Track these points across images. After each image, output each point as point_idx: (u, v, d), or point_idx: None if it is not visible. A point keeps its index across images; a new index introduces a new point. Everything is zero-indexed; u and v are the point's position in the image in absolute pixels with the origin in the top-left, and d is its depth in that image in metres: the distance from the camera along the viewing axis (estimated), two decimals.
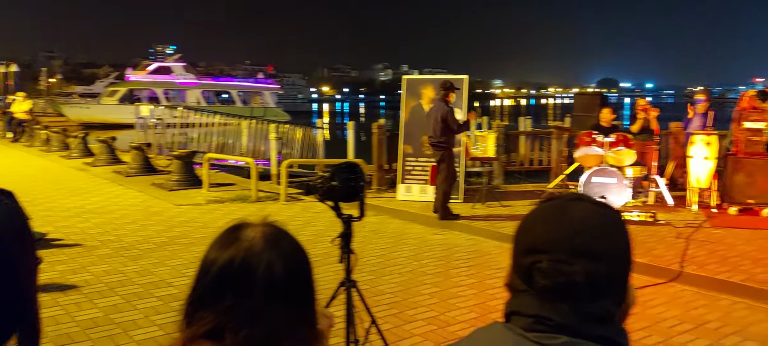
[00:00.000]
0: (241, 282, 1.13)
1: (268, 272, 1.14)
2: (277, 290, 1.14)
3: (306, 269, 1.23)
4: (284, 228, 1.25)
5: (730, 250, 6.56)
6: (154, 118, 17.37)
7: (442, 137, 8.12)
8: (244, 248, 1.16)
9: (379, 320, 4.72)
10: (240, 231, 1.20)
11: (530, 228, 1.06)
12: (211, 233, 1.24)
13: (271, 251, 1.16)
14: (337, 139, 32.22)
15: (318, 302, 1.28)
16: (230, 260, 1.14)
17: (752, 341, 4.45)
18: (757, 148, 8.22)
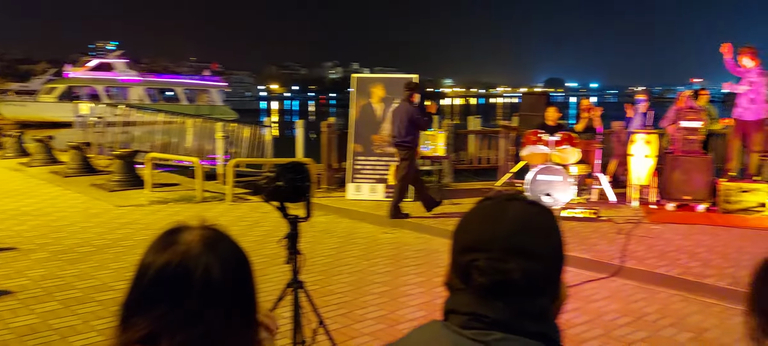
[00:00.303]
0: (177, 286, 1.11)
1: (205, 275, 1.12)
2: (215, 293, 1.12)
3: (245, 272, 1.21)
4: (224, 231, 1.23)
5: (668, 245, 6.80)
6: (95, 117, 16.83)
7: (407, 137, 8.17)
8: (181, 251, 1.14)
9: (328, 320, 4.69)
10: (177, 234, 1.18)
11: (468, 228, 1.08)
12: (154, 235, 1.21)
13: (208, 254, 1.14)
14: (286, 137, 31.92)
15: (260, 305, 1.26)
16: (166, 263, 1.12)
17: (687, 332, 4.62)
18: (693, 147, 8.54)
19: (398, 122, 8.24)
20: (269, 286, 5.53)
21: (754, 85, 8.43)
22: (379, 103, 9.96)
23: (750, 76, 8.45)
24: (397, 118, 8.30)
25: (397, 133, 8.25)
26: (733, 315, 4.94)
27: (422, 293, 5.47)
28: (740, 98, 8.57)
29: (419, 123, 8.22)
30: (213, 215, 8.82)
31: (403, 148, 8.21)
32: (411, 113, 8.14)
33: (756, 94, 8.41)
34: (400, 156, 8.29)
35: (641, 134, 8.79)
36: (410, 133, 8.15)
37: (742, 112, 8.53)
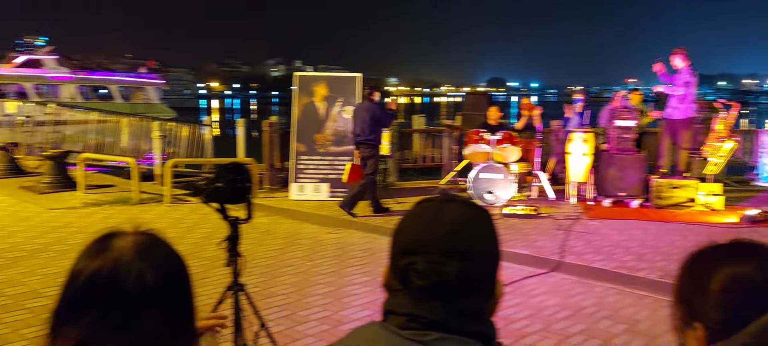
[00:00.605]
0: (108, 293, 1.07)
1: (138, 282, 1.08)
2: (148, 301, 1.09)
3: (182, 278, 1.18)
4: (160, 236, 1.20)
5: (604, 240, 7.02)
6: (23, 116, 16.08)
7: (370, 135, 8.24)
8: (113, 257, 1.10)
9: (271, 322, 4.62)
10: (110, 240, 1.14)
11: (406, 230, 1.09)
12: (88, 239, 1.16)
13: (141, 260, 1.10)
14: (227, 137, 31.32)
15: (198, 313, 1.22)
16: (97, 270, 1.09)
17: (622, 324, 4.78)
18: (627, 145, 8.84)
19: (361, 121, 8.28)
20: (210, 289, 5.41)
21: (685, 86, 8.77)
22: (322, 102, 9.90)
23: (680, 77, 8.80)
24: (359, 116, 8.34)
25: (360, 132, 8.28)
26: (663, 306, 5.13)
27: (367, 293, 5.46)
28: (671, 98, 8.92)
29: (382, 121, 8.36)
30: (150, 217, 8.57)
31: (367, 146, 8.27)
32: (373, 111, 8.22)
33: (685, 94, 8.77)
34: (364, 154, 8.33)
35: (578, 133, 9.04)
36: (374, 132, 8.24)
37: (672, 112, 8.88)
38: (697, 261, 1.14)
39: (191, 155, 12.92)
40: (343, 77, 10.46)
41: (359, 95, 9.89)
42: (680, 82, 8.73)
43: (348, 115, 9.70)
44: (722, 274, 1.07)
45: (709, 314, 1.06)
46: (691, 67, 8.82)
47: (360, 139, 8.32)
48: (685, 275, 1.15)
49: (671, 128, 8.91)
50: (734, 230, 7.43)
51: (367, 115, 8.24)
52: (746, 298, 1.04)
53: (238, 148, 12.12)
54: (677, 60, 8.82)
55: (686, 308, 1.11)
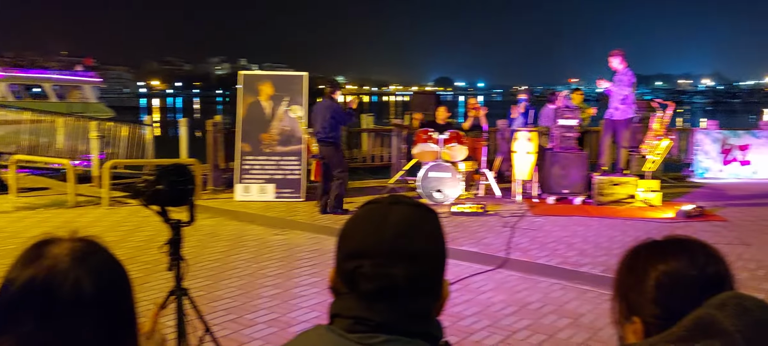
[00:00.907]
0: (43, 303, 1.03)
1: (74, 291, 1.04)
2: (85, 310, 1.05)
3: (121, 286, 1.14)
4: (98, 242, 1.15)
5: (548, 236, 7.16)
6: None
7: (331, 133, 8.30)
8: (47, 265, 1.05)
9: (216, 327, 4.51)
10: (45, 247, 1.09)
11: (352, 233, 1.08)
12: (22, 244, 1.10)
13: (78, 268, 1.06)
14: (169, 137, 30.57)
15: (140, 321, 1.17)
16: (31, 279, 1.04)
17: (566, 318, 4.88)
18: (570, 143, 9.05)
19: (321, 119, 8.32)
20: (152, 294, 5.24)
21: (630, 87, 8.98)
22: (268, 101, 9.76)
23: (625, 78, 9.02)
24: (320, 115, 8.38)
25: (321, 129, 8.33)
26: (605, 300, 5.25)
27: (316, 294, 5.40)
28: (612, 99, 9.14)
29: (344, 119, 8.47)
30: (88, 221, 8.25)
31: (327, 144, 8.32)
32: (335, 109, 8.30)
33: (627, 95, 9.00)
34: (325, 153, 8.39)
35: (523, 132, 9.19)
36: (335, 129, 8.32)
37: (614, 112, 9.11)
38: (634, 258, 1.17)
39: (131, 156, 12.53)
40: (289, 76, 10.34)
41: (306, 94, 9.81)
42: (626, 83, 8.95)
43: (294, 115, 9.59)
44: (657, 270, 1.11)
45: (645, 308, 1.10)
46: (629, 68, 9.08)
47: (321, 137, 8.36)
48: (624, 272, 1.18)
49: (613, 127, 9.15)
50: (671, 225, 7.70)
51: (327, 113, 8.28)
52: (679, 293, 1.07)
53: (180, 149, 11.82)
54: (615, 61, 9.07)
55: (625, 303, 1.15)
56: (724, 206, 8.81)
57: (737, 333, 0.89)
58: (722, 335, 0.90)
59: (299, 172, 9.60)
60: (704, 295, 0.98)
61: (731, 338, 0.89)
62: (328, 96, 8.53)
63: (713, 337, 0.91)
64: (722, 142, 11.54)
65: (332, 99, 8.48)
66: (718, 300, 0.95)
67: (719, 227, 7.50)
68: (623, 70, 9.00)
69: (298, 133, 9.63)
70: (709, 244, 1.13)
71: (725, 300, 0.94)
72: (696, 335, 0.92)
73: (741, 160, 11.52)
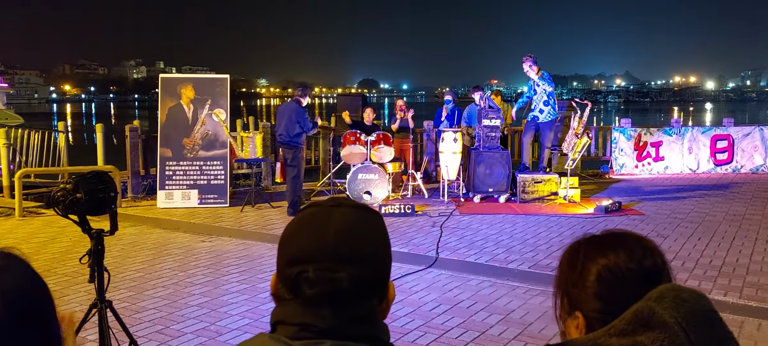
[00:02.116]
0: None
1: None
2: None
3: (38, 304, 1.03)
4: (17, 257, 1.04)
5: (476, 234, 7.30)
6: None
7: (293, 136, 8.38)
8: None
9: (142, 339, 4.33)
10: None
11: (294, 238, 1.05)
12: None
13: None
14: (84, 143, 29.21)
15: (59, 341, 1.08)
16: None
17: (497, 314, 4.98)
18: (494, 143, 9.25)
19: (286, 121, 8.37)
20: (71, 307, 4.98)
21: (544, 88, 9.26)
22: (189, 105, 9.47)
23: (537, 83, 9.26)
24: (285, 117, 8.41)
25: (285, 132, 8.37)
26: (534, 295, 5.42)
27: (246, 301, 5.28)
28: (536, 101, 9.37)
29: (307, 126, 8.50)
30: None
31: (290, 148, 8.37)
32: (299, 113, 8.39)
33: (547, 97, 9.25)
34: (286, 155, 8.42)
35: (449, 132, 9.34)
36: (296, 132, 8.37)
37: (539, 115, 9.32)
38: (574, 254, 1.19)
39: (44, 164, 11.86)
40: (211, 79, 10.09)
41: (228, 97, 9.60)
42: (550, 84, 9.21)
43: (217, 118, 9.37)
44: (597, 265, 1.13)
45: (587, 303, 1.12)
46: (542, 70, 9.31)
47: (284, 140, 8.42)
48: (564, 267, 1.19)
49: (536, 128, 9.39)
50: (591, 219, 8.02)
51: (293, 116, 8.36)
52: (619, 286, 1.10)
53: (97, 155, 11.30)
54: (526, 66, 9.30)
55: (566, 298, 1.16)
56: (640, 200, 9.27)
57: (676, 325, 0.92)
58: (662, 327, 0.93)
59: (223, 176, 9.38)
60: (643, 287, 1.02)
61: (671, 329, 0.92)
62: (295, 99, 8.60)
63: (653, 329, 0.93)
64: (637, 140, 12.14)
65: (298, 102, 8.54)
66: (657, 293, 0.98)
67: (636, 221, 7.87)
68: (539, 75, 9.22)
69: (222, 137, 9.41)
70: (645, 237, 1.16)
71: (663, 293, 0.97)
72: (637, 327, 0.95)
73: (654, 156, 12.16)
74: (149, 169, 10.36)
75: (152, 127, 9.69)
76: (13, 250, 1.06)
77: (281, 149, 8.50)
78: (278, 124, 8.62)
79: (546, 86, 9.14)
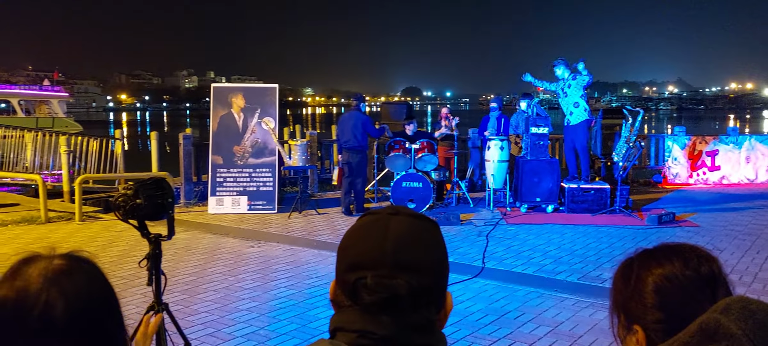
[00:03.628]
0: (11, 327, 0.96)
1: (45, 315, 0.97)
2: (59, 335, 0.98)
3: (103, 309, 1.06)
4: (85, 260, 1.08)
5: (523, 244, 7.23)
6: None
7: (362, 142, 8.91)
8: (18, 287, 0.99)
9: (195, 341, 4.45)
10: (23, 266, 1.02)
11: (353, 245, 1.07)
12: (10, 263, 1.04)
13: (50, 289, 0.99)
14: (139, 151, 30.10)
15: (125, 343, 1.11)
16: (2, 301, 0.98)
17: (545, 326, 4.92)
18: (542, 151, 9.13)
19: (351, 128, 8.88)
20: (128, 309, 5.15)
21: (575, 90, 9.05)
22: (239, 114, 9.69)
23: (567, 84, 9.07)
24: (350, 124, 8.91)
25: (352, 138, 8.88)
26: (583, 307, 5.34)
27: (294, 306, 5.37)
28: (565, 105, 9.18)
29: (374, 132, 9.16)
30: (60, 237, 8.09)
31: (357, 152, 8.90)
32: (364, 121, 8.94)
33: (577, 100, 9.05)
34: (353, 159, 8.89)
35: (496, 141, 9.27)
36: (364, 139, 8.93)
37: (568, 118, 9.17)
38: (628, 267, 1.18)
39: (101, 170, 12.31)
40: (260, 88, 10.29)
41: (277, 106, 9.79)
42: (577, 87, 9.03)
43: (267, 126, 9.55)
44: (654, 275, 1.12)
45: (646, 316, 1.11)
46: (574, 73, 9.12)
47: (351, 146, 8.88)
48: (618, 283, 1.19)
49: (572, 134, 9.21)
50: (643, 231, 7.83)
51: (358, 123, 8.87)
52: (679, 294, 1.09)
53: (152, 163, 11.66)
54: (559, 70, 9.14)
55: (624, 314, 1.15)
56: (695, 211, 9.00)
57: (744, 336, 0.89)
58: (729, 339, 0.90)
59: (272, 183, 9.55)
60: (702, 294, 1.01)
61: (738, 341, 0.89)
62: (356, 107, 9.17)
63: (719, 341, 0.90)
64: (691, 149, 11.80)
65: (359, 110, 9.10)
66: (723, 304, 0.94)
67: (690, 233, 7.65)
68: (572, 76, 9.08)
69: (271, 145, 9.59)
70: (698, 246, 1.16)
71: (730, 304, 0.94)
72: (702, 340, 0.92)
73: (710, 166, 11.80)
74: (201, 175, 10.63)
75: (203, 135, 9.96)
76: (82, 252, 1.09)
77: (346, 154, 8.89)
78: (343, 131, 8.97)
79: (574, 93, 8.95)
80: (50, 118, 38.74)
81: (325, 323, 4.86)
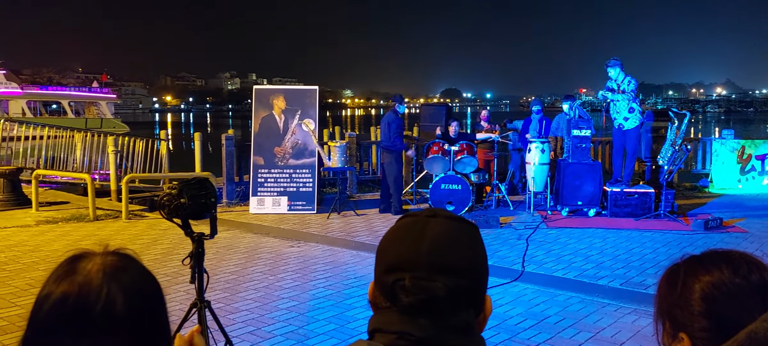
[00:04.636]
0: (76, 321, 1.01)
1: (107, 308, 1.01)
2: (119, 328, 1.02)
3: (155, 303, 1.11)
4: (133, 257, 1.13)
5: (564, 248, 7.12)
6: None
7: (390, 143, 9.12)
8: (79, 282, 1.03)
9: (235, 339, 4.53)
10: (78, 262, 1.07)
11: (391, 247, 1.07)
12: (43, 257, 1.09)
13: (111, 284, 1.03)
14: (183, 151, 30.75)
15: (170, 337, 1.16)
16: (64, 296, 1.02)
17: (586, 332, 4.84)
18: (584, 154, 8.99)
19: (384, 129, 9.24)
20: (172, 306, 5.26)
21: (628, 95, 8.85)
22: (280, 115, 9.82)
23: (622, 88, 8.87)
24: (384, 125, 9.27)
25: (384, 138, 9.21)
26: (625, 313, 5.24)
27: (332, 307, 5.41)
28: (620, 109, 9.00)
29: (395, 136, 9.19)
30: (107, 234, 8.33)
31: (388, 152, 9.14)
32: (392, 123, 9.11)
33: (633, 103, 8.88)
34: (384, 159, 9.20)
35: (537, 143, 9.17)
36: (393, 140, 9.09)
37: (622, 122, 8.99)
38: (674, 274, 1.16)
39: (147, 170, 12.63)
40: (301, 90, 10.41)
41: (317, 107, 9.89)
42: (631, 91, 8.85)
43: (307, 128, 9.65)
44: (701, 282, 1.10)
45: (693, 323, 1.08)
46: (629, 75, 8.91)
47: (383, 145, 9.23)
48: (665, 289, 1.16)
49: (622, 138, 9.04)
50: (689, 236, 7.64)
51: (385, 125, 9.15)
52: (727, 302, 1.07)
53: (195, 163, 11.90)
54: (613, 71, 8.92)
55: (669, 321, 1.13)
56: (744, 216, 8.73)
57: None
58: None
59: (311, 184, 9.65)
60: (751, 302, 0.98)
61: None
62: (393, 109, 9.37)
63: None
64: (740, 152, 11.45)
65: (395, 112, 9.28)
66: None
67: (739, 239, 7.43)
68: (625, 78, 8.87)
69: (311, 146, 9.68)
70: (747, 252, 1.13)
71: None
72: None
73: (760, 169, 11.42)
74: (243, 176, 10.80)
75: (245, 135, 10.14)
76: (126, 250, 1.13)
77: (381, 154, 9.26)
78: (381, 132, 9.39)
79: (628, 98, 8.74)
80: (99, 118, 39.94)
81: (363, 323, 4.89)
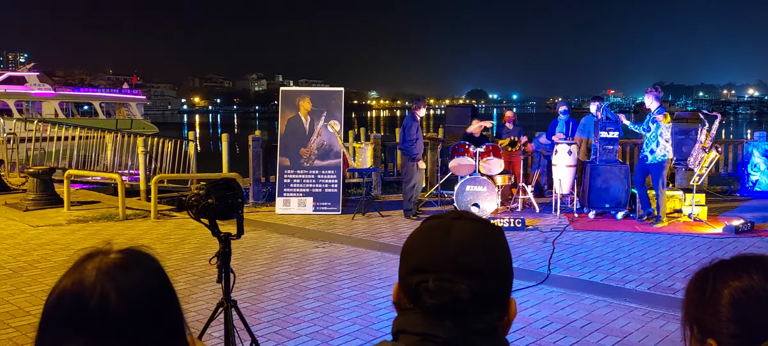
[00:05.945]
0: (73, 317, 1.01)
1: (100, 306, 1.01)
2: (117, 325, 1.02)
3: (161, 303, 1.09)
4: (143, 254, 1.11)
5: (591, 251, 7.05)
6: (6, 133, 15.81)
7: (402, 145, 9.18)
8: (77, 279, 1.04)
9: (261, 338, 4.58)
10: (87, 259, 1.08)
11: (415, 248, 1.07)
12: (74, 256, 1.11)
13: (105, 282, 1.03)
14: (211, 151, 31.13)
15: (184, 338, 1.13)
16: (62, 292, 1.04)
17: (613, 336, 4.79)
18: (612, 156, 8.88)
19: (401, 133, 9.31)
20: (198, 305, 5.37)
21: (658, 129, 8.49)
22: (306, 116, 9.89)
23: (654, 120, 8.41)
24: (402, 129, 9.34)
25: (400, 140, 9.32)
26: (653, 318, 5.17)
27: (357, 308, 5.44)
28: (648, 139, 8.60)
29: (403, 139, 9.21)
30: (136, 233, 8.48)
31: (403, 156, 9.22)
32: (405, 126, 9.12)
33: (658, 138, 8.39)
34: (403, 160, 9.28)
35: (563, 145, 9.09)
36: (406, 142, 9.05)
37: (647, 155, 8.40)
38: (703, 279, 1.14)
39: (175, 170, 12.82)
40: (327, 91, 10.46)
41: (343, 109, 9.94)
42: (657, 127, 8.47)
43: (332, 129, 9.71)
44: (730, 288, 1.08)
45: (722, 329, 1.07)
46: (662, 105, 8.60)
47: (399, 147, 9.38)
48: (693, 294, 1.15)
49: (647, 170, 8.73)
50: (719, 240, 7.50)
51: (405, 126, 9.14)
52: (757, 309, 1.05)
53: (222, 163, 12.05)
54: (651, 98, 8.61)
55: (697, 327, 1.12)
56: None
57: None
58: None
59: (337, 185, 9.70)
60: None
61: None
62: (411, 111, 9.30)
63: None
64: None
65: (413, 115, 9.18)
66: None
67: None
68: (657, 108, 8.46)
69: (336, 148, 9.73)
70: None
71: None
72: None
73: None
74: (269, 176, 10.90)
75: (271, 136, 10.23)
76: (144, 249, 1.13)
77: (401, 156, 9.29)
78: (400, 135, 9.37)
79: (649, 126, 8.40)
80: (129, 119, 40.61)
81: (387, 325, 4.91)
